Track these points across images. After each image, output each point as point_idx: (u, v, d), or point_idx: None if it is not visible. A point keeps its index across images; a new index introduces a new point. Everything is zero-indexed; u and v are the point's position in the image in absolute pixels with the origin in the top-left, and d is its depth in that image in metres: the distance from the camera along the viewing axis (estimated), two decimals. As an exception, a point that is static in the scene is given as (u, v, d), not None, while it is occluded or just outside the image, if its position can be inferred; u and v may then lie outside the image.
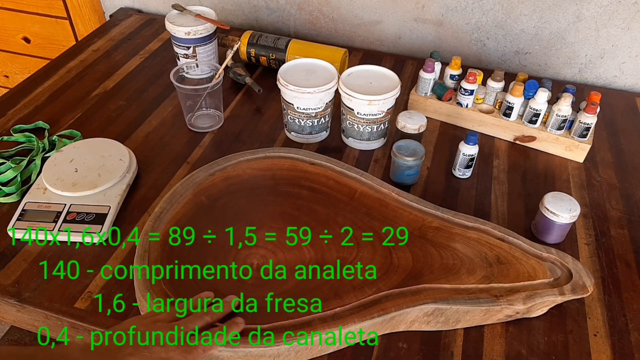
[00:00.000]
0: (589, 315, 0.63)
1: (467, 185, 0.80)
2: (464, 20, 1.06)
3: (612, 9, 0.96)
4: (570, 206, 0.68)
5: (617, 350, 0.59)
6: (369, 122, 0.82)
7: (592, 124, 0.82)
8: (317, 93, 0.80)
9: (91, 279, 0.64)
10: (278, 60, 1.00)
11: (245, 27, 1.21)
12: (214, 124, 0.89)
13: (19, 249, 0.67)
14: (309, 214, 0.70)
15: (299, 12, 1.15)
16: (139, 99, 0.95)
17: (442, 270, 0.63)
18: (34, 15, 1.34)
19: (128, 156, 0.77)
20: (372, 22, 1.12)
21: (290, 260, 0.64)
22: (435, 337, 0.60)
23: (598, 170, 0.84)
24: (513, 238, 0.67)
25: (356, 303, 0.59)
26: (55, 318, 0.61)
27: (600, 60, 1.03)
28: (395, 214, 0.70)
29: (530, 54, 1.06)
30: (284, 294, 0.60)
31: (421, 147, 0.77)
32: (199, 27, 0.93)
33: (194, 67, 0.89)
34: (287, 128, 0.87)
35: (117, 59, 1.07)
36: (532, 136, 0.86)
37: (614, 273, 0.68)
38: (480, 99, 0.90)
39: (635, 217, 0.76)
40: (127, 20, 1.21)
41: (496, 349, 0.59)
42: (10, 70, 1.51)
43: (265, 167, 0.77)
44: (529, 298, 0.60)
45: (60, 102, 0.93)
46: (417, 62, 1.09)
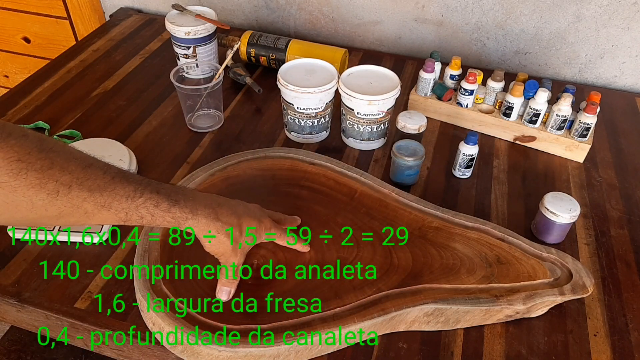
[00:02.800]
0: (589, 315, 0.63)
1: (467, 185, 0.80)
2: (464, 20, 1.06)
3: (612, 9, 0.96)
4: (570, 206, 0.68)
5: (617, 350, 0.59)
6: (369, 122, 0.82)
7: (592, 124, 0.82)
8: (317, 93, 0.80)
9: (91, 279, 0.64)
10: (278, 60, 1.00)
11: (245, 27, 1.21)
12: (214, 124, 0.89)
13: (19, 249, 0.67)
14: (309, 214, 0.70)
15: (299, 12, 1.15)
16: (139, 99, 0.95)
17: (442, 270, 0.63)
18: (34, 15, 1.34)
19: (128, 156, 0.77)
20: (372, 22, 1.12)
21: (290, 260, 0.64)
22: (435, 337, 0.60)
23: (598, 170, 0.84)
24: (513, 238, 0.67)
25: (356, 303, 0.59)
26: (55, 318, 0.61)
27: (600, 60, 1.03)
28: (395, 214, 0.70)
29: (530, 54, 1.06)
30: (284, 294, 0.60)
31: (421, 147, 0.77)
32: (199, 27, 0.93)
33: (194, 67, 0.89)
34: (287, 128, 0.87)
35: (117, 59, 1.07)
36: (532, 136, 0.86)
37: (614, 273, 0.68)
38: (480, 99, 0.90)
39: (635, 217, 0.76)
40: (127, 20, 1.21)
41: (496, 349, 0.59)
42: (10, 70, 1.51)
43: (265, 167, 0.77)
44: (529, 298, 0.60)
45: (60, 102, 0.93)
46: (417, 62, 1.09)
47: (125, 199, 0.47)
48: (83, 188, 0.44)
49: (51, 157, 0.43)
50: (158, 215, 0.49)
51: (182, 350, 0.55)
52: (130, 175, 0.49)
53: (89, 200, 0.45)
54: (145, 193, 0.49)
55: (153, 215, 0.49)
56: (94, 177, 0.45)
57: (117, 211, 0.47)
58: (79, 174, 0.44)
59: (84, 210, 0.45)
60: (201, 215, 0.53)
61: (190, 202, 0.52)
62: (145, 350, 0.60)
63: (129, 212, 0.48)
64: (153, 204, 0.49)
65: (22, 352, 0.97)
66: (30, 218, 0.44)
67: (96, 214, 0.46)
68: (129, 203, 0.47)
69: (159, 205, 0.49)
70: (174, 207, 0.51)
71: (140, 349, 0.60)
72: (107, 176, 0.46)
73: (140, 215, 0.48)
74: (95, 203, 0.45)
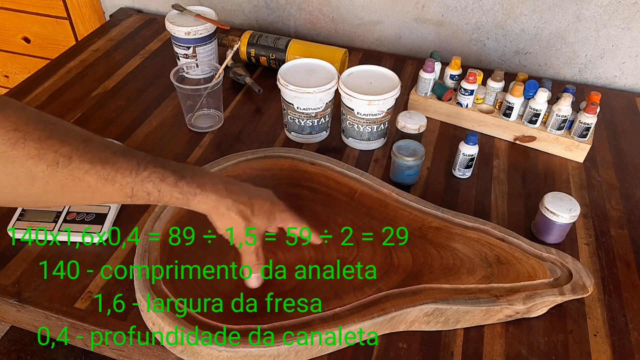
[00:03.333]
0: (589, 315, 0.63)
1: (467, 185, 0.80)
2: (464, 20, 1.06)
3: (612, 9, 0.96)
4: (570, 206, 0.68)
5: (617, 350, 0.59)
6: (369, 122, 0.82)
7: (592, 124, 0.82)
8: (317, 93, 0.80)
9: (91, 279, 0.64)
10: (278, 60, 1.00)
11: (245, 27, 1.21)
12: (214, 124, 0.89)
13: (19, 249, 0.67)
14: (309, 214, 0.69)
15: (299, 12, 1.15)
16: (139, 99, 0.95)
17: (442, 270, 0.63)
18: (34, 15, 1.34)
19: (128, 156, 0.77)
20: (372, 22, 1.12)
21: (290, 260, 0.64)
22: (435, 337, 0.60)
23: (598, 170, 0.84)
24: (513, 238, 0.67)
25: (356, 303, 0.59)
26: (55, 318, 0.61)
27: (600, 60, 1.03)
28: (395, 214, 0.70)
29: (530, 54, 1.06)
30: (284, 294, 0.60)
31: (421, 147, 0.77)
32: (199, 27, 0.93)
33: (194, 67, 0.89)
34: (287, 128, 0.87)
35: (117, 59, 1.07)
36: (532, 136, 0.86)
37: (614, 273, 0.68)
38: (480, 99, 0.90)
39: (635, 217, 0.76)
40: (127, 20, 1.21)
41: (496, 349, 0.59)
42: (10, 70, 1.51)
43: (265, 167, 0.77)
44: (529, 298, 0.60)
45: (60, 102, 0.93)
46: (417, 62, 1.09)
47: (129, 172, 0.46)
48: (84, 160, 0.43)
49: (50, 128, 0.42)
50: (165, 191, 0.48)
51: (182, 350, 0.55)
52: (133, 151, 0.48)
53: (91, 173, 0.44)
54: (150, 167, 0.47)
55: (160, 190, 0.47)
56: (95, 150, 0.44)
57: (122, 185, 0.45)
58: (78, 146, 0.43)
59: (87, 183, 0.44)
60: (210, 191, 0.51)
61: (198, 178, 0.51)
62: (145, 350, 0.60)
63: (135, 186, 0.46)
64: (159, 177, 0.47)
65: (22, 352, 0.97)
66: (33, 193, 0.43)
67: (100, 188, 0.45)
68: (133, 177, 0.46)
69: (165, 179, 0.48)
70: (181, 181, 0.49)
71: (140, 349, 0.60)
72: (107, 150, 0.45)
73: (146, 190, 0.47)
74: (98, 176, 0.44)
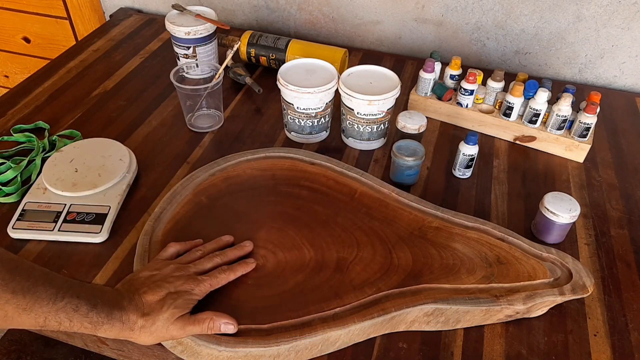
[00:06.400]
0: (589, 315, 0.63)
1: (467, 185, 0.80)
2: (464, 20, 1.06)
3: (612, 9, 0.96)
4: (570, 206, 0.68)
5: (617, 350, 0.59)
6: (369, 122, 0.82)
7: (592, 124, 0.82)
8: (317, 93, 0.80)
9: (91, 279, 0.64)
10: (278, 60, 1.00)
11: (245, 27, 1.21)
12: (214, 124, 0.89)
13: (19, 249, 0.67)
14: (309, 214, 0.70)
15: (299, 12, 1.15)
16: (139, 99, 0.95)
17: (442, 270, 0.63)
18: (34, 15, 1.34)
19: (128, 156, 0.77)
20: (372, 22, 1.12)
21: (290, 260, 0.64)
22: (435, 337, 0.60)
23: (598, 170, 0.84)
24: (513, 238, 0.67)
25: (356, 303, 0.59)
26: (55, 318, 0.61)
27: (600, 60, 1.03)
28: (395, 214, 0.70)
29: (530, 54, 1.06)
30: (284, 294, 0.60)
31: (421, 147, 0.77)
32: (199, 27, 0.93)
33: (194, 67, 0.89)
34: (287, 128, 0.87)
35: (117, 59, 1.07)
36: (532, 136, 0.86)
37: (614, 273, 0.68)
38: (480, 99, 0.90)
39: (635, 217, 0.76)
40: (127, 20, 1.21)
41: (496, 349, 0.59)
42: (10, 70, 1.51)
43: (265, 167, 0.77)
44: (529, 298, 0.60)
45: (60, 102, 0.93)
46: (417, 62, 1.09)
47: (47, 302, 0.47)
48: (7, 290, 0.45)
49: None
50: (76, 320, 0.49)
51: (182, 350, 0.55)
52: (54, 277, 0.49)
53: (11, 302, 0.45)
54: (67, 297, 0.48)
55: (71, 320, 0.48)
56: (20, 278, 0.46)
57: (37, 315, 0.46)
58: (4, 276, 0.45)
59: (4, 312, 0.45)
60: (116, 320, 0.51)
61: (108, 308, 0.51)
62: (145, 350, 0.60)
63: (49, 316, 0.47)
64: (73, 307, 0.48)
65: (22, 352, 0.97)
66: None
67: (16, 317, 0.46)
68: (50, 307, 0.47)
69: (78, 310, 0.49)
70: (92, 311, 0.49)
71: (140, 349, 0.60)
72: (31, 279, 0.46)
73: (58, 320, 0.48)
74: (18, 306, 0.45)
